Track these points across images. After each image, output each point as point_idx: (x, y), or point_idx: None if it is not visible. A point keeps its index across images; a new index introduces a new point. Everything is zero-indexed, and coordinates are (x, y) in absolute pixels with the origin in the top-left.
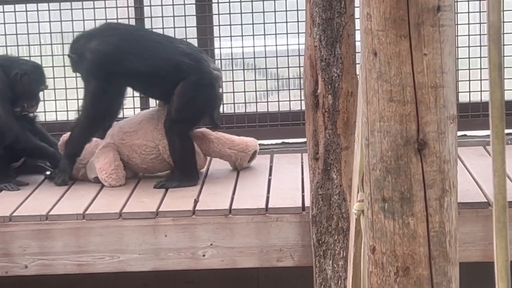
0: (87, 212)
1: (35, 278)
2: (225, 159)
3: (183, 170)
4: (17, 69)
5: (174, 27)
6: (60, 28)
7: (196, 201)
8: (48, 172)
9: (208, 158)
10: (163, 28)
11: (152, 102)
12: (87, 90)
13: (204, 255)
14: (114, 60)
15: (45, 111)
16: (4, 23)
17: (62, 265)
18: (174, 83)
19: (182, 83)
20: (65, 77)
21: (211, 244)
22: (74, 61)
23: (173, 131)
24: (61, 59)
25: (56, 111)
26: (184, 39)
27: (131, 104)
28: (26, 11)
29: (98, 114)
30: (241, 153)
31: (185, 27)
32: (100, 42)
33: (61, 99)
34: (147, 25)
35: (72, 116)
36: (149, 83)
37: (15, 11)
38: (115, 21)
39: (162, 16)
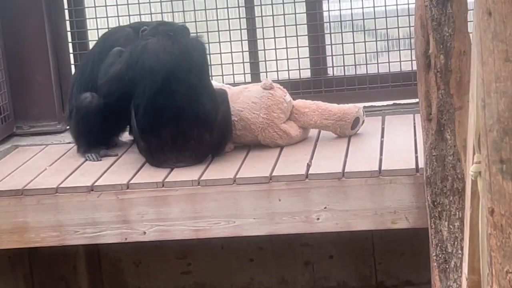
0: (202, 179)
1: (153, 243)
2: (324, 130)
3: None
4: (144, 25)
5: None
6: None
7: (309, 165)
8: None
9: None
10: None
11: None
12: None
13: (318, 219)
14: None
15: None
16: None
17: (179, 230)
18: None
19: None
20: None
21: (325, 208)
22: None
23: None
24: None
25: None
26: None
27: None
28: None
29: None
30: (340, 122)
31: None
32: None
33: None
34: None
35: None
36: None
37: None
38: None
39: None
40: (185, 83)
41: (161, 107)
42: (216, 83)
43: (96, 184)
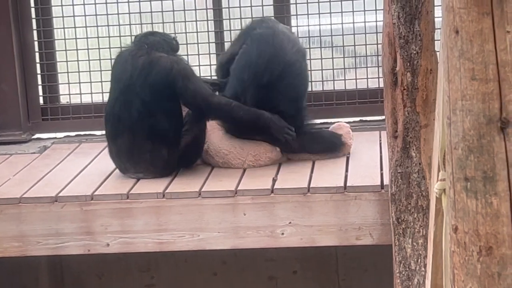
0: (167, 191)
1: (116, 255)
2: None
3: None
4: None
5: (251, 6)
6: (138, 9)
7: (274, 180)
8: None
9: None
10: (240, 7)
11: None
12: None
13: (283, 233)
14: None
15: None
16: (84, 4)
17: (143, 243)
18: None
19: None
20: None
21: (289, 223)
22: None
23: None
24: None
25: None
26: None
27: None
28: None
29: None
30: (331, 158)
31: (262, 5)
32: None
33: None
34: (224, 3)
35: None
36: None
37: None
38: None
39: None
40: (139, 96)
41: (118, 115)
42: None
43: (60, 195)
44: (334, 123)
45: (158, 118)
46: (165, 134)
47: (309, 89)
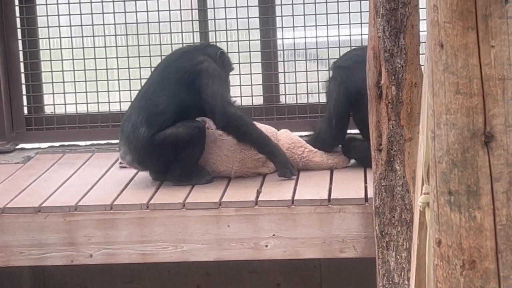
0: (151, 202)
1: (100, 267)
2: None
3: None
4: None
5: (237, 18)
6: (124, 20)
7: (258, 192)
8: None
9: None
10: (225, 18)
11: None
12: None
13: (266, 246)
14: None
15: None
16: (70, 14)
17: (126, 254)
18: None
19: None
20: (129, 68)
21: (273, 235)
22: None
23: None
24: (124, 50)
25: (120, 102)
26: None
27: None
28: (91, 2)
29: None
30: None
31: (248, 17)
32: None
33: (126, 90)
34: (210, 15)
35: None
36: None
37: (80, 2)
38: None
39: (225, 7)
40: (158, 75)
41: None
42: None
43: (43, 205)
44: None
45: (159, 97)
46: (154, 112)
47: None
